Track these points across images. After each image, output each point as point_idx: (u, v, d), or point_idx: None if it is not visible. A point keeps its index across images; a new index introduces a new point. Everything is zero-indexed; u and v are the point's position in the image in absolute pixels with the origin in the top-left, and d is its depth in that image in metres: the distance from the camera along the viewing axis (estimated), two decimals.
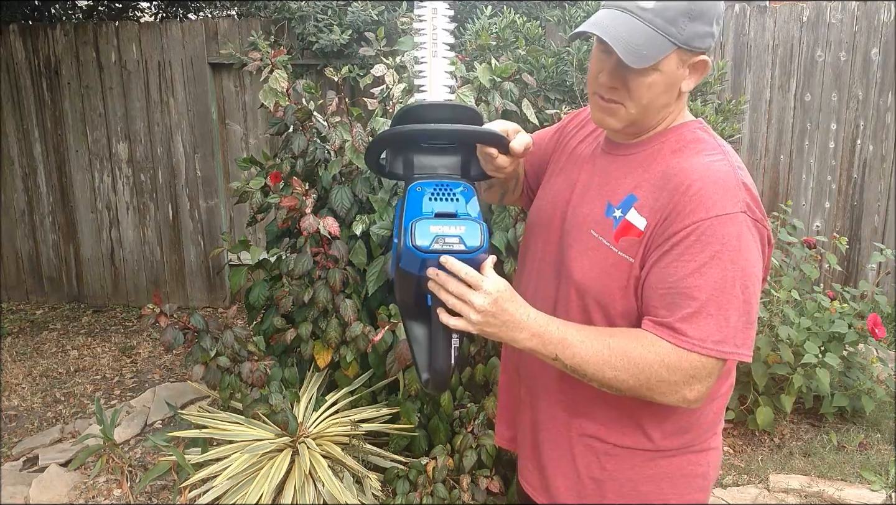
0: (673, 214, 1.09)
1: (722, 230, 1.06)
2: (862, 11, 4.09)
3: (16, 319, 4.83)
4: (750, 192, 1.10)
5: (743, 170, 1.13)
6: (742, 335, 1.07)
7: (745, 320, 1.07)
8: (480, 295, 1.07)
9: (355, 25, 4.15)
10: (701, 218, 1.06)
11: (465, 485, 2.46)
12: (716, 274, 1.05)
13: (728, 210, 1.06)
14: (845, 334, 3.11)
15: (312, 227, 2.50)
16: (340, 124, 2.66)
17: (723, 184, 1.08)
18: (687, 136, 1.17)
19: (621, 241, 1.15)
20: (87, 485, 2.81)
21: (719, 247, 1.05)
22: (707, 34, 1.10)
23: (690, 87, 1.16)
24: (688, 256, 1.07)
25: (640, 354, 1.08)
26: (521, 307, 1.10)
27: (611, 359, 1.09)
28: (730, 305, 1.06)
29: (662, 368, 1.07)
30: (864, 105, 4.19)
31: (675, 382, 1.08)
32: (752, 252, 1.08)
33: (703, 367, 1.07)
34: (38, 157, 4.94)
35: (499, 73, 2.78)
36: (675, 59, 1.10)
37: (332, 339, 2.61)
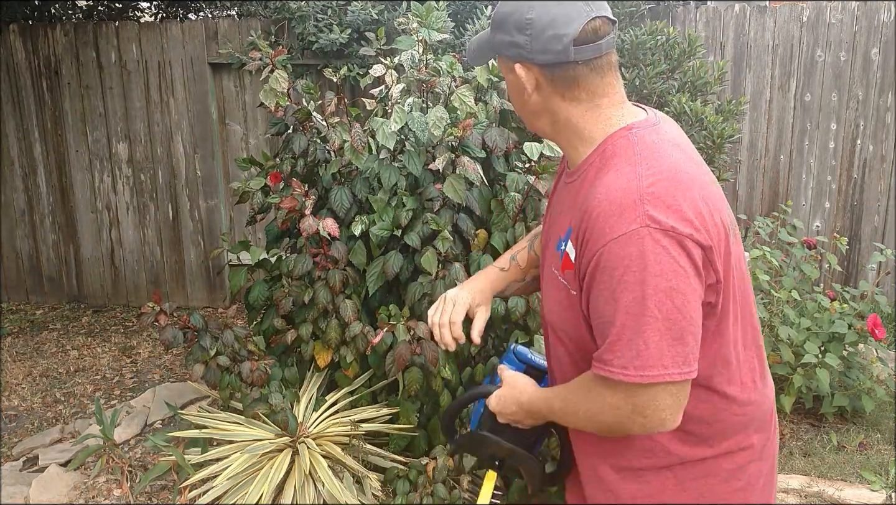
0: (584, 243, 1.10)
1: (621, 252, 1.03)
2: (862, 11, 4.09)
3: (16, 319, 4.83)
4: (658, 202, 1.04)
5: (658, 174, 1.08)
6: (669, 354, 1.03)
7: (669, 337, 1.03)
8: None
9: (355, 25, 4.15)
10: (601, 245, 1.05)
11: (465, 485, 2.46)
12: (626, 298, 1.03)
13: (624, 230, 1.03)
14: (845, 335, 3.11)
15: (312, 229, 2.50)
16: (340, 124, 2.66)
17: (619, 203, 1.05)
18: (607, 151, 1.15)
19: (566, 273, 1.17)
20: (87, 485, 2.81)
21: (622, 270, 1.03)
22: (510, 43, 1.15)
23: (544, 100, 1.18)
24: (601, 285, 1.07)
25: (586, 405, 1.15)
26: (519, 385, 1.33)
27: (575, 412, 1.18)
28: (647, 326, 1.03)
29: (608, 408, 1.10)
30: (864, 105, 4.19)
31: (627, 415, 1.08)
32: (664, 263, 1.02)
33: (643, 394, 1.06)
34: (38, 157, 4.94)
35: (496, 73, 2.78)
36: (503, 65, 1.21)
37: (332, 339, 2.61)
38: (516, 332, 2.78)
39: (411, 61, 2.78)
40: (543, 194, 2.68)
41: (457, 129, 2.54)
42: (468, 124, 2.54)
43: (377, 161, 2.71)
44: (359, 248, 2.68)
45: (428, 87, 2.74)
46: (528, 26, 1.12)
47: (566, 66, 1.13)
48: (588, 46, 1.12)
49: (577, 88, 1.15)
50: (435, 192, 2.63)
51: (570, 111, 1.17)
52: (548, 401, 1.26)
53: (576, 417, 1.19)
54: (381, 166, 2.68)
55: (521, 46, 1.14)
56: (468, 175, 2.56)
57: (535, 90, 1.18)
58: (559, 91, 1.16)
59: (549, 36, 1.11)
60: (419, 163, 2.67)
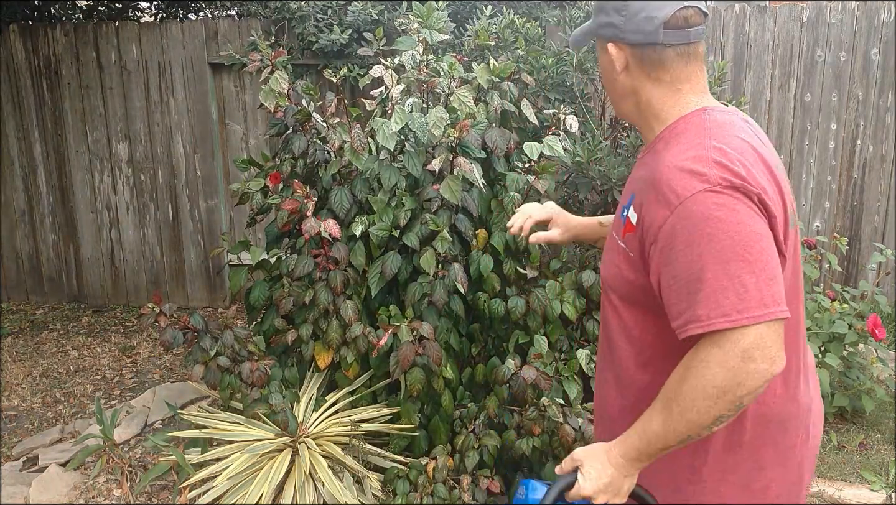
0: (652, 206, 1.14)
1: (697, 210, 1.08)
2: (862, 11, 4.09)
3: (16, 319, 4.83)
4: (726, 165, 1.10)
5: (727, 145, 1.14)
6: (768, 293, 1.05)
7: (765, 277, 1.05)
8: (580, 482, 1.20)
9: (355, 25, 4.15)
10: (675, 206, 1.10)
11: (465, 485, 2.46)
12: (712, 251, 1.06)
13: (696, 189, 1.08)
14: (845, 335, 3.11)
15: (314, 230, 2.50)
16: (339, 125, 2.66)
17: (688, 168, 1.11)
18: (679, 127, 1.21)
19: (626, 237, 1.22)
20: (87, 485, 2.81)
21: (703, 226, 1.07)
22: (606, 24, 1.25)
23: (632, 80, 1.25)
24: (680, 246, 1.09)
25: (691, 384, 1.08)
26: (600, 460, 1.20)
27: (681, 410, 1.10)
28: (741, 270, 1.05)
29: (716, 369, 1.06)
30: (864, 105, 4.19)
31: (738, 365, 1.05)
32: (741, 213, 1.07)
33: (748, 336, 1.04)
34: (38, 157, 4.94)
35: (497, 73, 2.78)
36: (599, 46, 1.29)
37: (333, 340, 2.61)
38: (517, 332, 2.78)
39: (412, 62, 2.78)
40: (543, 194, 2.68)
41: (455, 130, 2.54)
42: (465, 125, 2.54)
43: (377, 162, 2.71)
44: (358, 249, 2.69)
45: (428, 88, 2.74)
46: (624, 8, 1.21)
47: (654, 47, 1.20)
48: (677, 31, 1.19)
49: (661, 70, 1.22)
50: (433, 192, 2.63)
51: (652, 92, 1.24)
52: (641, 432, 1.16)
53: (683, 414, 1.10)
54: (381, 167, 2.68)
55: (616, 26, 1.22)
56: (466, 176, 2.56)
57: (624, 70, 1.25)
58: (645, 71, 1.23)
59: (642, 17, 1.19)
60: (418, 163, 2.67)
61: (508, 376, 2.48)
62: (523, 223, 1.74)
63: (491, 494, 2.48)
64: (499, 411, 2.55)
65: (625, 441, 1.19)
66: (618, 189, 2.86)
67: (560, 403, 2.48)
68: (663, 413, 1.13)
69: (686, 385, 1.09)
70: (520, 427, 2.50)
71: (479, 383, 2.75)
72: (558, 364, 2.77)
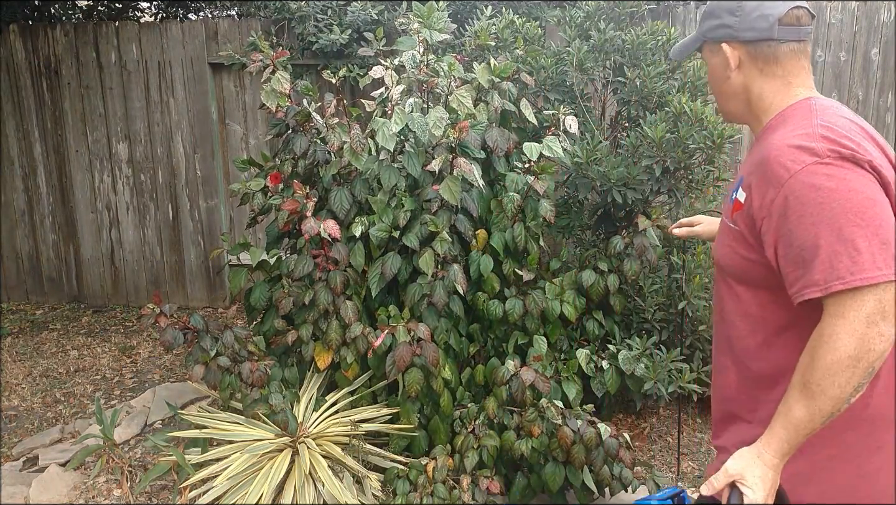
0: (762, 185, 1.21)
1: (808, 181, 1.14)
2: (862, 11, 4.09)
3: (16, 319, 4.83)
4: (833, 139, 1.16)
5: (834, 123, 1.20)
6: (882, 256, 1.09)
7: (878, 242, 1.10)
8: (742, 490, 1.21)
9: (355, 25, 4.15)
10: (786, 180, 1.16)
11: (465, 485, 2.46)
12: (825, 219, 1.12)
13: (806, 163, 1.15)
14: None
15: (314, 231, 2.50)
16: (339, 126, 2.66)
17: (796, 144, 1.18)
18: (787, 114, 1.29)
19: (734, 217, 1.30)
20: (87, 485, 2.81)
21: (815, 196, 1.13)
22: (719, 26, 1.34)
23: (744, 77, 1.34)
24: (794, 217, 1.15)
25: (825, 359, 1.12)
26: (758, 466, 1.20)
27: (820, 383, 1.13)
28: (853, 235, 1.10)
29: (845, 336, 1.10)
30: (864, 105, 4.18)
31: (864, 331, 1.09)
32: (852, 181, 1.12)
33: (868, 299, 1.09)
34: (38, 157, 4.94)
35: (497, 74, 2.78)
36: (707, 50, 1.40)
37: (333, 340, 2.62)
38: (516, 332, 2.79)
39: (412, 62, 2.78)
40: (542, 194, 2.68)
41: (454, 130, 2.54)
42: (465, 126, 2.54)
43: (377, 162, 2.71)
44: (358, 249, 2.68)
45: (428, 88, 2.74)
46: (738, 9, 1.31)
47: (769, 43, 1.30)
48: (790, 28, 1.29)
49: (775, 65, 1.31)
50: (433, 193, 2.63)
51: (764, 85, 1.33)
52: (786, 423, 1.18)
53: (825, 392, 1.13)
54: (381, 167, 2.68)
55: (731, 27, 1.32)
56: (466, 176, 2.56)
57: (738, 67, 1.34)
58: (758, 66, 1.32)
59: (756, 16, 1.29)
60: (418, 164, 2.67)
61: (508, 377, 2.49)
62: (676, 225, 1.93)
63: (491, 494, 2.48)
64: (498, 412, 2.55)
65: (772, 439, 1.20)
66: (617, 189, 2.86)
67: (559, 405, 2.48)
68: (804, 397, 1.15)
69: (821, 362, 1.12)
70: (519, 428, 2.50)
71: (478, 384, 2.75)
72: (558, 364, 2.78)
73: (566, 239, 3.27)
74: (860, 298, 1.09)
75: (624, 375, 2.76)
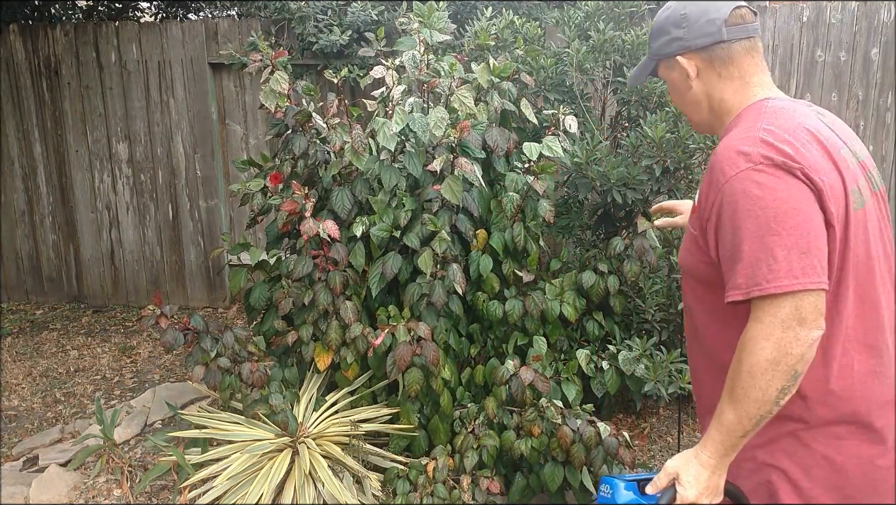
0: (707, 188, 1.25)
1: (740, 187, 1.17)
2: (862, 11, 4.09)
3: (16, 319, 4.83)
4: (771, 145, 1.19)
5: (775, 126, 1.22)
6: (798, 265, 1.13)
7: (797, 251, 1.13)
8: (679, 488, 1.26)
9: (355, 26, 4.15)
10: (722, 184, 1.20)
11: (465, 485, 2.46)
12: (749, 225, 1.16)
13: (741, 168, 1.18)
14: None
15: (312, 231, 2.50)
16: (340, 126, 2.65)
17: (735, 149, 1.21)
18: (742, 115, 1.32)
19: (692, 219, 1.34)
20: (87, 485, 2.81)
21: (743, 202, 1.17)
22: (669, 41, 1.37)
23: (704, 85, 1.36)
24: (725, 220, 1.20)
25: (747, 363, 1.16)
26: (693, 466, 1.26)
27: (745, 387, 1.17)
28: (772, 244, 1.14)
29: (762, 342, 1.15)
30: (864, 105, 4.19)
31: (781, 335, 1.14)
32: (780, 190, 1.15)
33: (784, 306, 1.14)
34: (38, 157, 4.94)
35: (497, 73, 2.78)
36: (663, 68, 1.42)
37: (333, 340, 2.61)
38: (516, 333, 2.79)
39: (412, 62, 2.78)
40: (542, 194, 2.68)
41: (455, 130, 2.54)
42: (466, 126, 2.54)
43: (377, 162, 2.71)
44: (358, 249, 2.68)
45: (429, 88, 2.74)
46: (683, 20, 1.34)
47: (721, 45, 1.33)
48: (738, 27, 1.32)
49: (731, 66, 1.34)
50: (433, 193, 2.63)
51: (725, 89, 1.35)
52: (719, 426, 1.22)
53: (748, 395, 1.17)
54: (382, 167, 2.68)
55: (681, 38, 1.35)
56: (467, 176, 2.56)
57: (697, 76, 1.37)
58: (716, 70, 1.35)
59: (703, 22, 1.32)
60: (419, 164, 2.67)
61: (507, 377, 2.49)
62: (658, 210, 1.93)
63: (490, 494, 2.48)
64: (498, 412, 2.55)
65: (707, 441, 1.25)
66: (617, 189, 2.86)
67: (559, 405, 2.49)
68: (731, 401, 1.20)
69: (742, 366, 1.17)
70: (519, 428, 2.50)
71: (478, 384, 2.75)
72: (558, 364, 2.78)
73: (566, 239, 3.27)
74: (777, 304, 1.14)
75: (624, 376, 2.76)
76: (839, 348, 1.24)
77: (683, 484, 1.25)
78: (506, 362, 2.52)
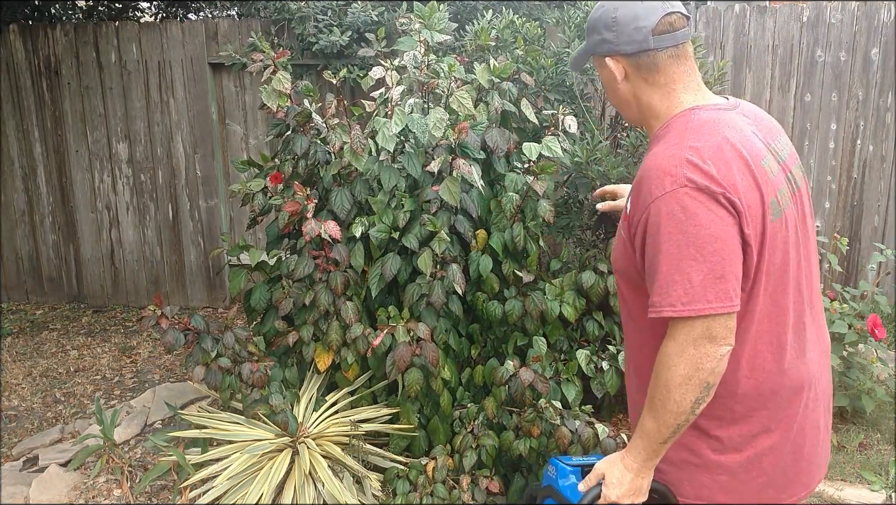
0: (636, 202, 1.29)
1: (664, 209, 1.22)
2: (862, 11, 4.09)
3: (16, 319, 4.83)
4: (696, 167, 1.22)
5: (701, 145, 1.25)
6: (712, 290, 1.19)
7: (712, 277, 1.19)
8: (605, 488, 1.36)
9: (355, 26, 4.15)
10: (648, 203, 1.24)
11: (465, 485, 2.46)
12: (668, 247, 1.21)
13: (666, 190, 1.22)
14: (845, 335, 3.11)
15: (314, 232, 2.50)
16: (339, 126, 2.65)
17: (663, 168, 1.24)
18: (670, 125, 1.34)
19: (622, 224, 1.39)
20: (87, 485, 2.81)
21: (665, 224, 1.21)
22: (600, 41, 1.37)
23: (632, 87, 1.38)
24: (649, 239, 1.25)
25: (664, 378, 1.24)
26: (617, 468, 1.36)
27: (663, 401, 1.26)
28: (689, 268, 1.19)
29: (676, 359, 1.23)
30: (864, 105, 4.19)
31: (693, 353, 1.22)
32: (701, 216, 1.20)
33: (696, 327, 1.21)
34: (38, 157, 4.94)
35: (497, 74, 2.78)
36: (596, 62, 1.43)
37: (334, 341, 2.61)
38: (516, 333, 2.79)
39: (413, 62, 2.78)
40: (541, 194, 2.68)
41: (454, 131, 2.54)
42: (464, 127, 2.54)
43: (377, 163, 2.71)
44: (357, 250, 2.68)
45: (429, 89, 2.74)
46: (614, 24, 1.34)
47: (648, 53, 1.33)
48: (665, 36, 1.32)
49: (657, 73, 1.35)
50: (432, 193, 2.63)
51: (651, 95, 1.37)
52: (641, 433, 1.31)
53: (665, 406, 1.25)
54: (381, 168, 2.68)
55: (611, 41, 1.35)
56: (465, 177, 2.56)
57: (624, 79, 1.39)
58: (643, 76, 1.36)
59: (632, 29, 1.32)
60: (418, 164, 2.67)
61: (507, 378, 2.49)
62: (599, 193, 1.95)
63: (490, 494, 2.48)
64: (497, 412, 2.55)
65: (632, 445, 1.34)
66: None
67: (558, 406, 2.49)
68: (651, 410, 1.28)
69: (659, 380, 1.25)
70: (518, 428, 2.50)
71: (478, 384, 2.75)
72: (558, 364, 2.78)
73: (566, 239, 3.27)
74: (690, 324, 1.21)
75: (624, 376, 2.76)
76: (749, 349, 1.31)
77: (608, 484, 1.35)
78: (505, 363, 2.53)
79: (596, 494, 1.37)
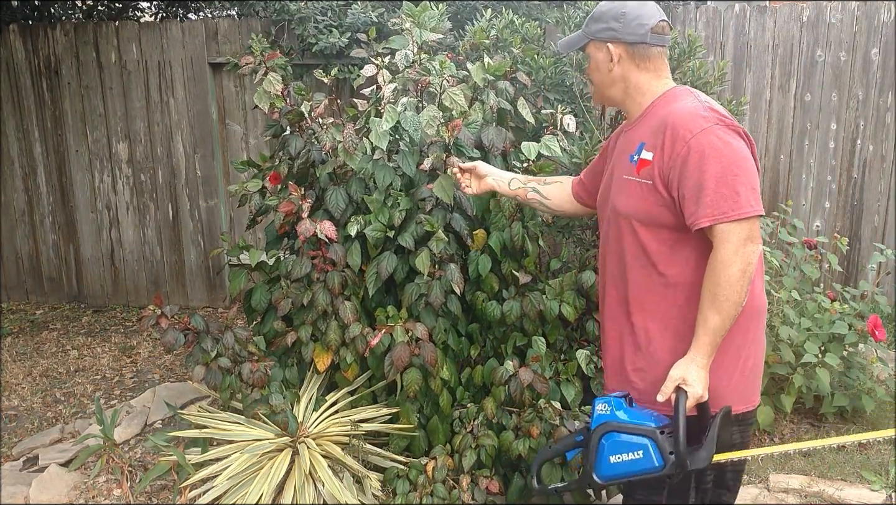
0: (668, 145, 1.61)
1: (704, 140, 1.57)
2: (862, 11, 4.09)
3: (16, 319, 4.83)
4: (717, 111, 1.62)
5: (711, 102, 1.67)
6: (753, 198, 1.55)
7: (750, 188, 1.56)
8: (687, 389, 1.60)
9: (355, 27, 4.14)
10: (689, 139, 1.58)
11: (464, 485, 2.46)
12: (715, 168, 1.55)
13: (703, 127, 1.58)
14: (845, 335, 3.11)
15: (309, 232, 2.50)
16: (332, 125, 2.65)
17: (693, 113, 1.61)
18: (670, 95, 1.74)
19: (641, 172, 1.68)
20: (87, 485, 2.81)
21: (709, 151, 1.56)
22: (605, 28, 1.74)
23: (622, 70, 1.75)
24: (692, 166, 1.57)
25: (724, 276, 1.54)
26: (693, 369, 1.60)
27: (725, 294, 1.55)
28: (735, 181, 1.54)
29: (731, 257, 1.53)
30: (864, 105, 4.18)
31: (742, 251, 1.54)
32: (734, 144, 1.58)
33: (745, 228, 1.54)
34: (38, 157, 4.94)
35: (492, 72, 2.77)
36: (592, 47, 1.79)
37: (333, 341, 2.61)
38: (515, 333, 2.78)
39: (405, 60, 2.77)
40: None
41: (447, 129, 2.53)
42: (457, 125, 2.53)
43: (371, 161, 2.71)
44: (354, 249, 2.68)
45: (422, 87, 2.74)
46: (622, 17, 1.72)
47: (644, 45, 1.73)
48: (659, 35, 1.74)
49: (648, 61, 1.75)
50: (426, 192, 2.62)
51: (640, 77, 1.76)
52: (706, 330, 1.57)
53: (729, 298, 1.54)
54: (376, 166, 2.68)
55: (615, 30, 1.73)
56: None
57: (618, 62, 1.75)
58: (635, 62, 1.74)
59: (636, 24, 1.71)
60: (413, 163, 2.67)
61: (507, 378, 2.48)
62: (455, 168, 2.32)
63: (490, 494, 2.48)
64: (497, 412, 2.55)
65: (698, 346, 1.59)
66: None
67: (557, 406, 2.48)
68: (714, 307, 1.56)
69: (721, 278, 1.54)
70: (518, 428, 2.50)
71: (477, 384, 2.75)
72: (558, 364, 2.77)
73: (566, 239, 3.27)
74: (738, 227, 1.53)
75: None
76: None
77: (690, 384, 1.58)
78: (505, 363, 2.52)
79: (685, 398, 1.54)
